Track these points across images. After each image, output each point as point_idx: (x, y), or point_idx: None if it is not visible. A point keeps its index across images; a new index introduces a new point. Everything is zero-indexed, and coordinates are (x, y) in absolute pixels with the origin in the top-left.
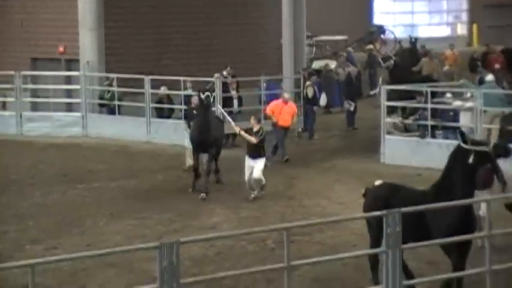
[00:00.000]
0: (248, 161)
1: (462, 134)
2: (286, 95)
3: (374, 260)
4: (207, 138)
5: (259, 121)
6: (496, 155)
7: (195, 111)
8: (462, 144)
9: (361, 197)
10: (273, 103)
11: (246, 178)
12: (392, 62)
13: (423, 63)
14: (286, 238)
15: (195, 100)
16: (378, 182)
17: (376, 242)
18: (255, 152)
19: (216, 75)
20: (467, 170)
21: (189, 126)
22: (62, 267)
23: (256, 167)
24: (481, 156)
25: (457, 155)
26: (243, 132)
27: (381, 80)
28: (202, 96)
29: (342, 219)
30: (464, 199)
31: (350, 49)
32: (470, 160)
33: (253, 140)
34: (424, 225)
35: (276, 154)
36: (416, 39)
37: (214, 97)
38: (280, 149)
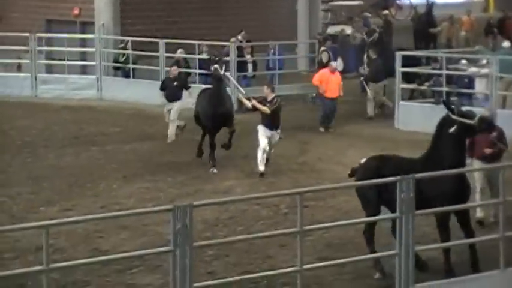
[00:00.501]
0: (264, 131)
1: (446, 103)
2: (333, 64)
3: (370, 234)
4: (224, 112)
5: (273, 90)
6: (479, 128)
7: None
8: (449, 114)
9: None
10: (320, 72)
11: (262, 146)
12: (376, 35)
13: (443, 27)
14: (299, 203)
15: (174, 70)
16: (362, 160)
17: (374, 213)
18: (271, 122)
19: (232, 39)
20: (453, 140)
21: (167, 98)
22: (75, 229)
23: (272, 140)
24: (464, 128)
25: (444, 125)
26: (256, 103)
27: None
28: (212, 68)
29: (355, 184)
30: (454, 168)
31: (367, 14)
32: (451, 130)
33: (267, 110)
34: (421, 193)
35: (325, 123)
36: (433, 3)
37: (224, 66)
38: (329, 119)
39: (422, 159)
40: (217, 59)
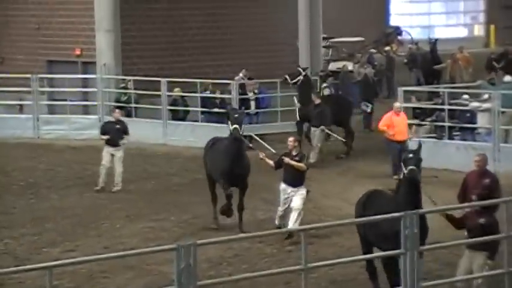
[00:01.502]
0: (285, 189)
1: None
2: (397, 104)
3: (371, 269)
4: (241, 173)
5: (299, 143)
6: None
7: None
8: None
9: None
10: (385, 117)
11: (281, 210)
12: (301, 77)
13: (447, 65)
14: (303, 240)
15: (117, 114)
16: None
17: (365, 250)
18: (295, 178)
19: (236, 77)
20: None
21: (107, 142)
22: (79, 269)
23: (296, 197)
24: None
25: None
26: (290, 161)
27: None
28: (231, 128)
29: (358, 221)
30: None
31: (372, 50)
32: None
33: (303, 167)
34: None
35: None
36: (436, 40)
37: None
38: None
39: (396, 196)
40: (236, 115)
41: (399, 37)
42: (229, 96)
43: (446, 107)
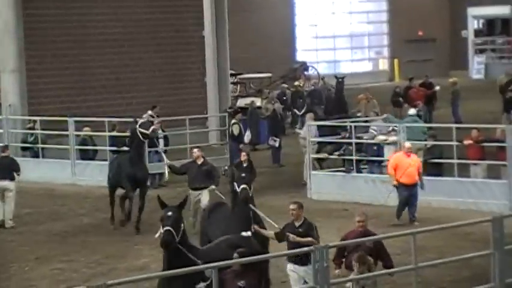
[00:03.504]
0: (296, 275)
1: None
2: (408, 145)
3: None
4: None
5: (301, 207)
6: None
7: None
8: None
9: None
10: (394, 156)
11: None
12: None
13: (361, 106)
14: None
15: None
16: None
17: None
18: (298, 255)
19: (144, 115)
20: None
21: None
22: None
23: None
24: None
25: None
26: (298, 238)
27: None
28: (237, 188)
29: (273, 255)
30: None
31: (284, 85)
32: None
33: (315, 241)
34: None
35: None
36: (343, 77)
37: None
38: (411, 208)
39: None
40: (243, 175)
41: (306, 72)
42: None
43: (353, 140)
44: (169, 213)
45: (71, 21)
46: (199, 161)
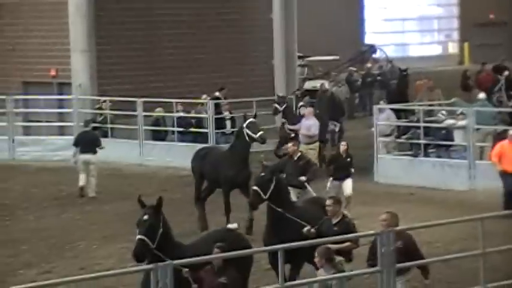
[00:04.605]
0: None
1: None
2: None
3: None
4: None
5: (338, 203)
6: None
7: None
8: None
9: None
10: (499, 144)
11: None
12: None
13: (423, 95)
14: None
15: None
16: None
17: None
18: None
19: (203, 96)
20: None
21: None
22: None
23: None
24: None
25: None
26: (347, 246)
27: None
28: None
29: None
30: None
31: (352, 68)
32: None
33: (351, 246)
34: None
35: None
36: (406, 69)
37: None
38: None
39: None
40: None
41: (374, 55)
42: (205, 115)
43: (421, 124)
44: (145, 217)
45: (140, 1)
46: (295, 156)
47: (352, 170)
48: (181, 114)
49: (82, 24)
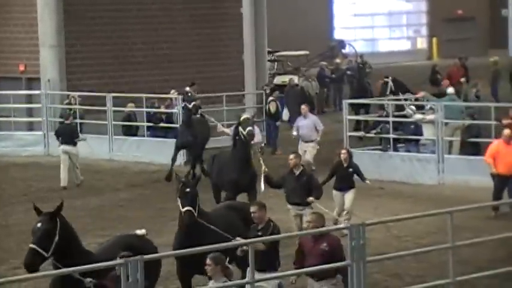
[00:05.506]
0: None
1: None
2: (506, 132)
3: None
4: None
5: (262, 208)
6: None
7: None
8: None
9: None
10: (492, 145)
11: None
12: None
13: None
14: None
15: None
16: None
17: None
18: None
19: (172, 91)
20: None
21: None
22: (25, 287)
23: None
24: None
25: None
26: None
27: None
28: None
29: (296, 234)
30: None
31: (323, 63)
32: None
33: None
34: None
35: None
36: (364, 63)
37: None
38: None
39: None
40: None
41: (343, 50)
42: (174, 110)
43: (390, 119)
44: (39, 225)
45: None
46: (297, 171)
47: (365, 180)
48: (153, 109)
49: (51, 19)
